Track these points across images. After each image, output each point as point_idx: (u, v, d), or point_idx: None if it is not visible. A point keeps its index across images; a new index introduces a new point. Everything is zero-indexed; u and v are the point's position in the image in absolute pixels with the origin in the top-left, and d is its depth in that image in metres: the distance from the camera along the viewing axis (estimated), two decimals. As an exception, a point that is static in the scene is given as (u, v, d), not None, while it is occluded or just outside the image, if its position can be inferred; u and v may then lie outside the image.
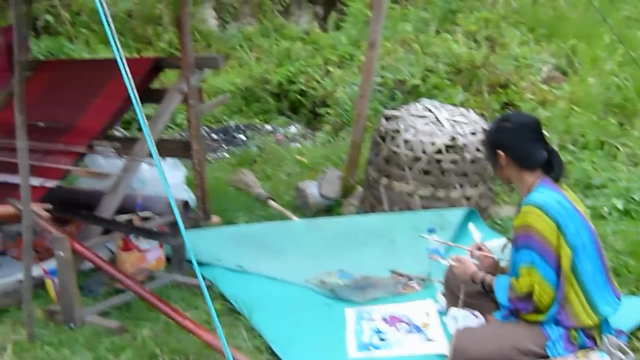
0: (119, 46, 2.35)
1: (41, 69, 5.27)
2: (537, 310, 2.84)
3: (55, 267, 3.49)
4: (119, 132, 7.66)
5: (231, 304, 3.70)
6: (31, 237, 3.20)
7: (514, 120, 2.97)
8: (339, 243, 4.46)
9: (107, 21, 2.28)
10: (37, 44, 8.93)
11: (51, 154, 4.32)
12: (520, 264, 2.84)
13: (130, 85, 2.30)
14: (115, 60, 5.37)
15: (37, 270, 3.75)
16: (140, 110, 2.35)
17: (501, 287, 2.94)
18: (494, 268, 3.20)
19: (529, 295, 2.83)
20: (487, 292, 3.05)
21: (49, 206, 3.93)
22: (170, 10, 10.70)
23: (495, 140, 2.96)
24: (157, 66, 4.97)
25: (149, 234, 3.88)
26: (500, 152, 2.93)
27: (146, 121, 2.44)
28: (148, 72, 4.78)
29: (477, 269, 3.14)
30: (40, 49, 8.75)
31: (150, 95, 5.02)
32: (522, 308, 2.87)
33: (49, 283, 3.72)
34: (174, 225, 4.08)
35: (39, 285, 3.78)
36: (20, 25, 3.11)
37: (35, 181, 4.09)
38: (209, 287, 3.88)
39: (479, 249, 3.28)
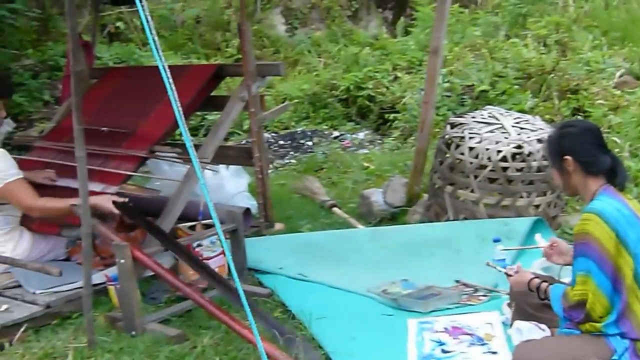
0: (162, 54, 2.36)
1: (107, 76, 5.39)
2: (590, 319, 2.76)
3: (117, 274, 3.55)
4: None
5: (291, 313, 3.69)
6: (90, 244, 3.26)
7: (578, 125, 2.94)
8: (403, 252, 4.41)
9: (150, 29, 2.30)
10: (108, 51, 9.15)
11: (113, 159, 4.39)
12: (577, 273, 2.78)
13: (172, 91, 2.31)
14: (178, 67, 5.43)
15: (100, 277, 3.83)
16: (181, 118, 2.38)
17: (556, 295, 2.88)
18: None
19: (581, 304, 2.76)
20: (543, 300, 3.00)
21: (121, 199, 4.00)
22: (237, 17, 10.82)
23: (560, 146, 2.89)
24: (219, 73, 5.01)
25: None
26: (568, 158, 2.86)
27: (186, 129, 2.45)
28: (209, 79, 4.81)
29: (535, 277, 3.08)
30: (111, 56, 8.96)
31: (212, 102, 5.09)
32: (575, 317, 2.80)
33: (111, 290, 3.79)
34: (235, 233, 4.11)
35: (102, 291, 3.86)
36: (74, 35, 3.17)
37: (96, 186, 4.18)
38: (269, 296, 3.90)
39: (552, 245, 3.23)
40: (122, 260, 3.48)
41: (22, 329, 3.55)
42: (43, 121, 7.47)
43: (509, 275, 3.20)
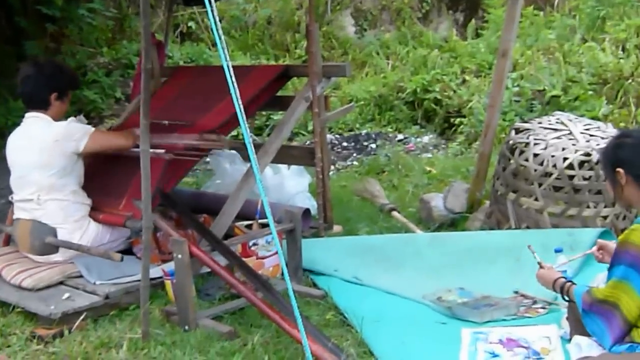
0: (228, 54, 2.38)
1: (176, 75, 5.49)
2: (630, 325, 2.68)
3: (174, 269, 3.60)
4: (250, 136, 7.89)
5: (344, 315, 3.69)
6: (150, 238, 3.32)
7: (635, 135, 2.81)
8: (461, 259, 4.34)
9: (217, 28, 2.34)
10: (179, 50, 9.32)
11: (169, 147, 4.45)
12: (611, 278, 2.72)
13: (234, 88, 2.33)
14: (245, 67, 5.46)
15: (158, 271, 3.90)
16: (241, 114, 2.38)
17: (579, 292, 2.84)
18: None
19: (605, 303, 2.69)
20: (568, 301, 2.98)
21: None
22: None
23: (614, 157, 2.80)
24: (285, 74, 5.04)
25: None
26: (620, 170, 2.76)
27: (246, 125, 2.47)
28: (275, 79, 4.84)
29: (562, 277, 3.02)
30: (182, 55, 9.13)
31: (278, 102, 5.13)
32: (597, 312, 2.73)
33: (168, 284, 3.85)
34: (292, 233, 4.12)
35: (159, 285, 3.93)
36: (147, 35, 3.24)
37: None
38: (323, 297, 3.90)
39: (600, 248, 3.17)
40: (180, 256, 3.53)
41: (81, 318, 3.65)
42: (113, 117, 7.66)
43: (540, 266, 3.18)
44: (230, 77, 2.74)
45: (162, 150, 4.27)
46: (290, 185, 5.47)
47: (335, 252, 4.49)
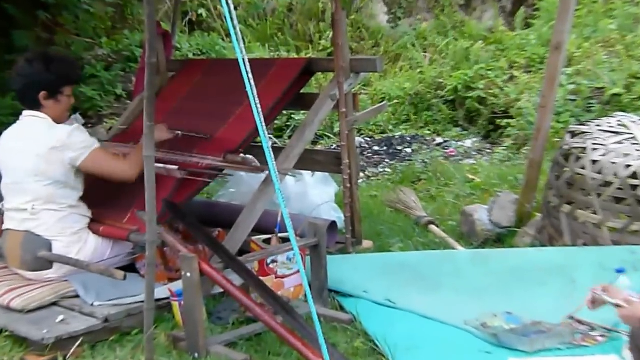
0: (244, 47, 2.39)
1: (186, 70, 5.53)
2: None
3: (182, 289, 3.64)
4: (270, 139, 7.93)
5: (375, 342, 3.70)
6: (154, 254, 3.35)
7: None
8: (509, 280, 4.34)
9: (231, 17, 2.36)
10: (189, 42, 9.38)
11: (186, 165, 4.50)
12: None
13: (252, 90, 2.35)
14: (264, 62, 5.47)
15: (164, 291, 3.93)
16: (261, 122, 2.41)
17: None
18: None
19: None
20: None
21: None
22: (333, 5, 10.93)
23: None
24: (309, 69, 5.07)
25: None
26: None
27: (266, 134, 2.49)
28: (298, 74, 4.88)
29: None
30: (191, 47, 9.19)
31: (300, 100, 5.15)
32: None
33: (175, 306, 3.88)
34: (316, 249, 4.14)
35: (166, 307, 3.96)
36: (152, 24, 3.24)
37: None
38: (351, 322, 3.92)
39: None
40: (189, 274, 3.55)
41: (77, 343, 3.66)
42: (114, 117, 7.73)
43: (618, 307, 3.12)
44: (248, 76, 2.75)
45: (175, 167, 4.34)
46: (314, 195, 5.49)
47: (365, 270, 4.50)
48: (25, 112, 4.27)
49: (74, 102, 4.50)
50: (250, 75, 2.80)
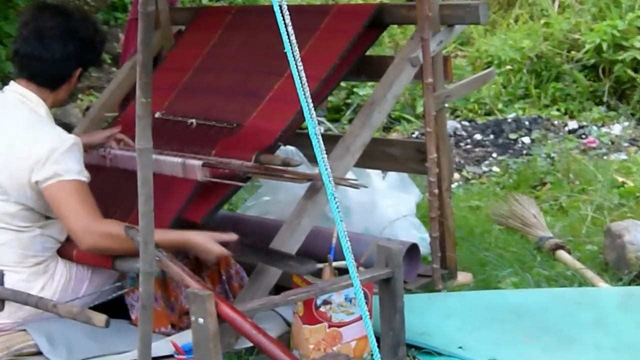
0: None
1: (198, 24, 5.58)
2: None
3: (191, 342, 3.68)
4: (321, 125, 7.97)
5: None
6: (152, 291, 3.40)
7: None
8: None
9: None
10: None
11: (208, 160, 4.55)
12: None
13: (294, 51, 2.39)
14: (315, 10, 5.44)
15: (165, 345, 3.99)
16: (305, 94, 2.45)
17: None
18: None
19: None
20: None
21: (234, 237, 4.20)
22: None
23: None
24: (379, 20, 5.10)
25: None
26: None
27: (315, 116, 2.52)
28: (363, 28, 4.90)
29: None
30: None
31: (366, 67, 5.20)
32: None
33: (181, 367, 3.95)
34: (389, 284, 4.17)
35: (170, 367, 4.02)
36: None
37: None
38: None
39: None
40: (201, 320, 3.59)
41: None
42: (92, 91, 7.81)
43: None
44: (287, 32, 2.77)
45: (198, 162, 4.41)
46: (387, 206, 5.52)
47: (461, 317, 4.52)
48: (13, 87, 4.34)
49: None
50: (292, 31, 2.81)
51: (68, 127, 5.09)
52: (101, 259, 4.27)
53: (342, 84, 7.90)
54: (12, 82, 4.36)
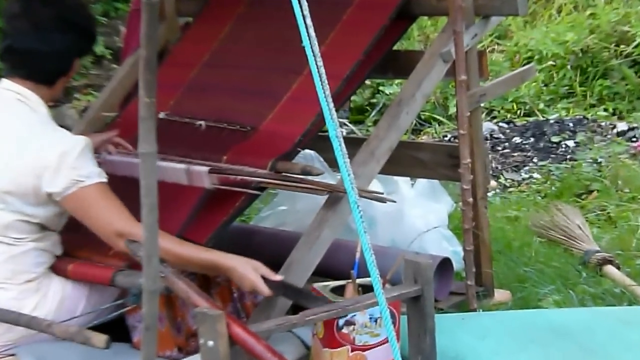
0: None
1: (208, 14, 5.58)
2: None
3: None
4: (343, 127, 7.96)
5: None
6: (156, 309, 3.38)
7: None
8: None
9: None
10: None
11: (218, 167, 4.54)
12: None
13: (313, 46, 2.37)
14: (338, 0, 5.41)
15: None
16: (324, 93, 2.43)
17: None
18: None
19: None
20: None
21: (278, 278, 4.17)
22: None
23: None
24: (407, 10, 5.09)
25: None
26: None
27: (336, 118, 2.50)
28: (390, 20, 4.90)
29: None
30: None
31: (392, 63, 5.21)
32: None
33: (190, 396, 3.94)
34: (418, 303, 4.15)
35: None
36: None
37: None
38: None
39: None
40: (210, 342, 3.58)
41: None
42: (89, 90, 7.83)
43: None
44: (306, 24, 2.76)
45: (204, 169, 4.37)
46: (416, 216, 5.51)
47: (497, 338, 4.49)
48: (9, 85, 4.31)
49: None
50: (311, 23, 2.80)
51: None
52: (99, 273, 4.25)
53: (367, 81, 7.91)
54: (5, 80, 4.33)
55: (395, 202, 4.89)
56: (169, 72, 5.11)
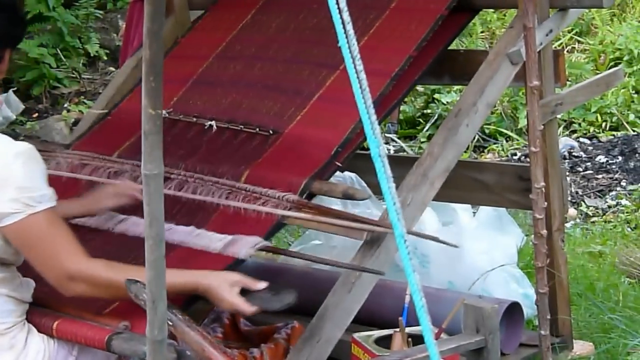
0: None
1: (222, 4, 5.68)
2: None
3: None
4: (389, 143, 8.02)
5: None
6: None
7: None
8: None
9: None
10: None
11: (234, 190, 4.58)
12: None
13: (350, 42, 2.42)
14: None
15: None
16: (364, 103, 2.50)
17: None
18: None
19: None
20: None
21: (262, 285, 4.18)
22: None
23: None
24: (469, 1, 5.16)
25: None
26: None
27: (381, 139, 2.57)
28: (447, 12, 4.92)
29: None
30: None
31: (451, 66, 5.29)
32: None
33: None
34: (479, 355, 4.20)
35: None
36: None
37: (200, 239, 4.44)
38: None
39: None
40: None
41: None
42: (81, 99, 7.89)
43: None
44: (341, 16, 2.79)
45: (242, 241, 4.38)
46: (478, 252, 5.53)
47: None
48: None
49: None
50: (347, 9, 2.83)
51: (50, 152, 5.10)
52: (92, 335, 4.15)
53: (419, 87, 7.95)
54: None
55: (457, 246, 4.84)
56: (172, 65, 5.15)
